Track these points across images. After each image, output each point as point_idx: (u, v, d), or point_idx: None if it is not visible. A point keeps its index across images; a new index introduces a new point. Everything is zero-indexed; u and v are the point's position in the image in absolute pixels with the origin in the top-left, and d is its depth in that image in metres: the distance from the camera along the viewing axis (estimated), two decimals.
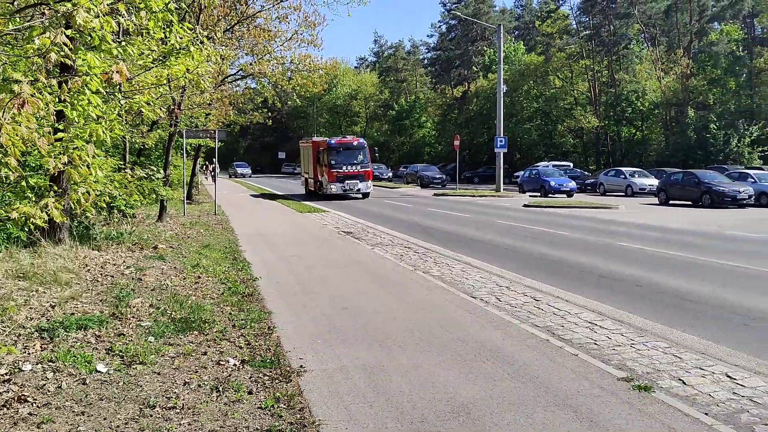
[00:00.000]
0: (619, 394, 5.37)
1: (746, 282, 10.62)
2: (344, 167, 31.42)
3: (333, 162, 31.32)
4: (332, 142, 32.36)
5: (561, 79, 59.70)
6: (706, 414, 4.98)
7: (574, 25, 60.48)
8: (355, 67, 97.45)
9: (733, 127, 42.63)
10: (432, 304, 8.75)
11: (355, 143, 32.78)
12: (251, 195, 36.29)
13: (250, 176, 70.10)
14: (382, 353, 6.50)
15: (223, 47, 14.09)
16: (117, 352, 6.19)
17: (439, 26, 78.02)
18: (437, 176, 46.87)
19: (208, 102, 21.80)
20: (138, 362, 5.92)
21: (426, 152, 73.33)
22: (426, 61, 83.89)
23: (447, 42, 75.49)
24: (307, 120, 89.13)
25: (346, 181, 31.41)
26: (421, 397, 5.29)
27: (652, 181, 34.12)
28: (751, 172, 30.44)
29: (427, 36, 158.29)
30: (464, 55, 71.02)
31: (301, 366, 6.04)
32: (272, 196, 35.03)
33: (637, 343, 6.90)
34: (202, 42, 8.14)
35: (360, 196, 32.53)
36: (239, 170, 72.10)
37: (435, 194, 36.99)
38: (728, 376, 5.85)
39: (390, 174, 57.97)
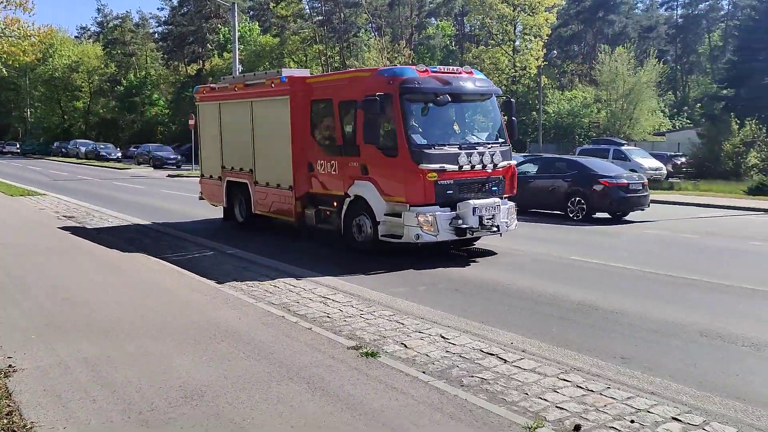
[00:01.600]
0: (349, 362, 5.68)
1: (457, 256, 11.85)
2: (461, 156, 10.52)
3: (421, 140, 10.42)
4: (412, 74, 10.56)
5: (296, 62, 60.77)
6: (423, 372, 5.49)
7: (308, 11, 61.92)
8: (76, 37, 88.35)
9: None
10: (165, 289, 8.38)
11: (476, 85, 11.35)
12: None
13: None
14: (108, 343, 6.06)
15: None
16: None
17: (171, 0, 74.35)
18: (171, 157, 44.80)
19: None
20: None
21: (159, 132, 69.38)
22: (157, 35, 79.37)
23: (179, 17, 72.26)
24: (18, 93, 78.66)
25: (470, 201, 10.54)
26: (151, 386, 5.04)
27: None
28: None
29: (158, 9, 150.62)
30: (198, 32, 68.65)
31: (9, 366, 5.37)
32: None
33: (366, 314, 7.35)
34: None
35: (468, 238, 11.36)
36: None
37: (169, 175, 35.37)
38: (442, 337, 6.51)
39: (119, 154, 53.56)
